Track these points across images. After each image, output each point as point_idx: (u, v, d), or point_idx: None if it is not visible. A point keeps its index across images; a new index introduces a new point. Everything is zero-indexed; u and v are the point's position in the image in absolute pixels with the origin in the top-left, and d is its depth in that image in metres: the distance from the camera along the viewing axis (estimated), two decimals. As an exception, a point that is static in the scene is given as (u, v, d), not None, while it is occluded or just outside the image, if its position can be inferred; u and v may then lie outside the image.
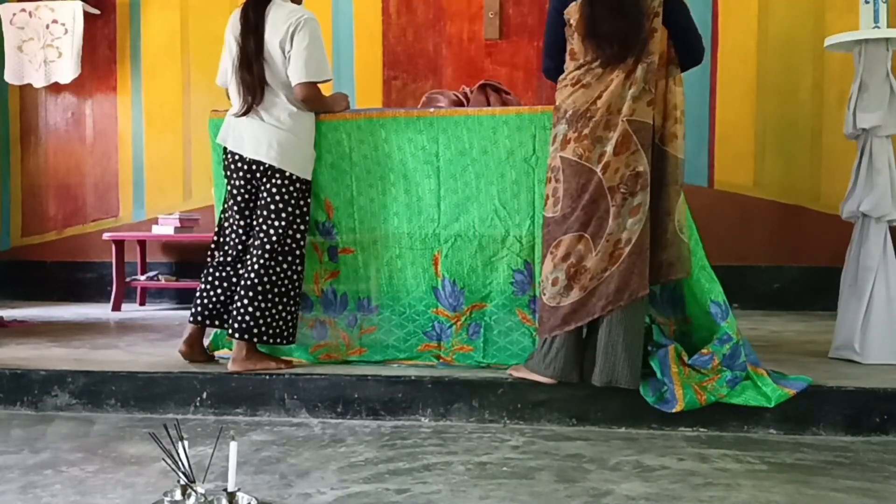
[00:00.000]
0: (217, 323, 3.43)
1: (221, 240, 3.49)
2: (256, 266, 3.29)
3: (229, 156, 3.39)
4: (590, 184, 3.00)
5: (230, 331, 3.30)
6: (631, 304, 2.97)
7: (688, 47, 3.10)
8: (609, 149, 2.98)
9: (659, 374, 3.00)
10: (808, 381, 2.99)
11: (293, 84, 3.32)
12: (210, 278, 3.43)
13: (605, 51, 2.99)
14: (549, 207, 3.12)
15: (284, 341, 3.36)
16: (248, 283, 3.29)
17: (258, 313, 3.27)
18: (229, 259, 3.43)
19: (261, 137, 3.31)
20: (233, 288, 3.39)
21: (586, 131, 3.00)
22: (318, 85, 3.36)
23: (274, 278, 3.30)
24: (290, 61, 3.30)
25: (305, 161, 3.38)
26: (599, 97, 3.01)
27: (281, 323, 3.33)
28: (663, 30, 3.05)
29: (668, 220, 3.07)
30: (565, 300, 3.02)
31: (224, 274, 3.41)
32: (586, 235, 3.01)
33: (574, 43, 3.08)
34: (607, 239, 2.99)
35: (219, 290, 3.40)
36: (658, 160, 3.06)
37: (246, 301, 3.27)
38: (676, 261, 3.08)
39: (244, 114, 3.32)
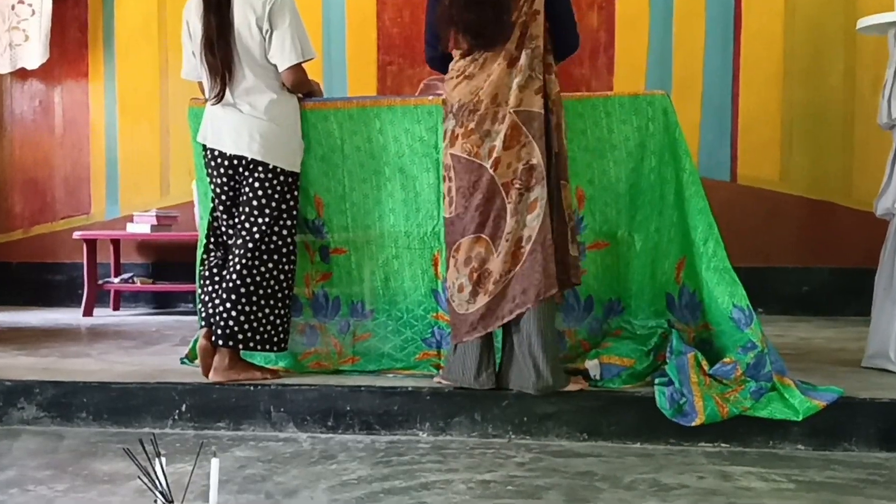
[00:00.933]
0: None
1: (214, 242, 3.48)
2: (238, 266, 3.29)
3: (209, 153, 3.39)
4: (481, 181, 3.04)
5: (213, 337, 3.30)
6: (540, 304, 3.00)
7: (561, 33, 3.15)
8: (498, 143, 3.02)
9: (677, 384, 3.00)
10: (838, 393, 2.99)
11: (281, 69, 3.32)
12: (211, 285, 3.41)
13: (469, 40, 3.06)
14: (445, 208, 3.19)
15: (275, 348, 3.35)
16: (230, 284, 3.28)
17: (242, 318, 3.27)
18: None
19: (241, 130, 3.31)
20: None
21: (472, 125, 3.05)
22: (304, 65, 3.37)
23: (258, 279, 3.29)
24: (271, 43, 3.30)
25: (291, 152, 3.37)
26: (482, 88, 3.05)
27: (269, 328, 3.31)
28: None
29: (569, 217, 3.12)
30: (472, 307, 3.07)
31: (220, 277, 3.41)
32: (484, 237, 3.06)
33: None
34: (507, 239, 3.02)
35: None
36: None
37: (228, 305, 3.26)
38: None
39: (217, 101, 3.32)
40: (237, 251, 3.32)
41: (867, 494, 2.50)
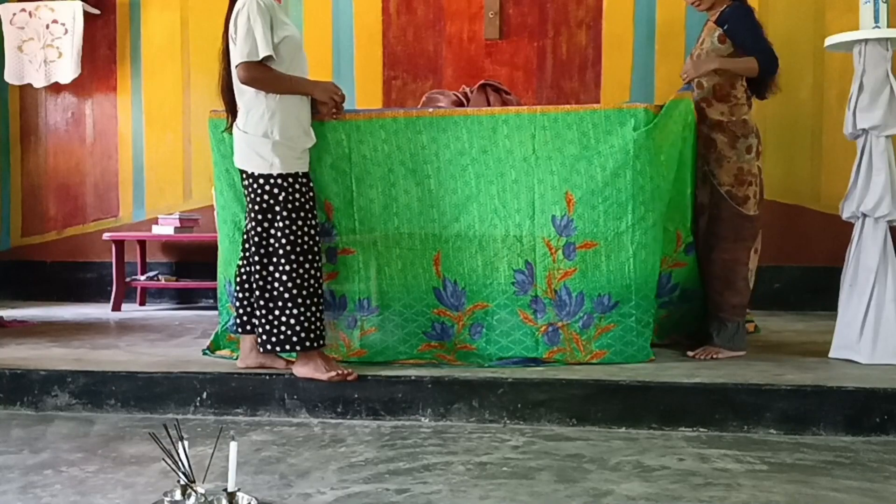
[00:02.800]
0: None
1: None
2: (246, 272, 3.30)
3: None
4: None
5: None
6: None
7: None
8: None
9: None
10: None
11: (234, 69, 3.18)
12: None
13: None
14: (750, 207, 3.63)
15: (291, 348, 3.17)
16: (248, 288, 3.30)
17: (256, 321, 3.23)
18: None
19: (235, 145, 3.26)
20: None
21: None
22: (268, 65, 3.11)
23: (262, 283, 3.18)
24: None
25: (258, 156, 3.14)
26: None
27: (286, 330, 3.15)
28: None
29: None
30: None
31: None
32: None
33: None
34: None
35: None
36: None
37: (254, 309, 3.27)
38: None
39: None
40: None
41: (834, 475, 2.50)
